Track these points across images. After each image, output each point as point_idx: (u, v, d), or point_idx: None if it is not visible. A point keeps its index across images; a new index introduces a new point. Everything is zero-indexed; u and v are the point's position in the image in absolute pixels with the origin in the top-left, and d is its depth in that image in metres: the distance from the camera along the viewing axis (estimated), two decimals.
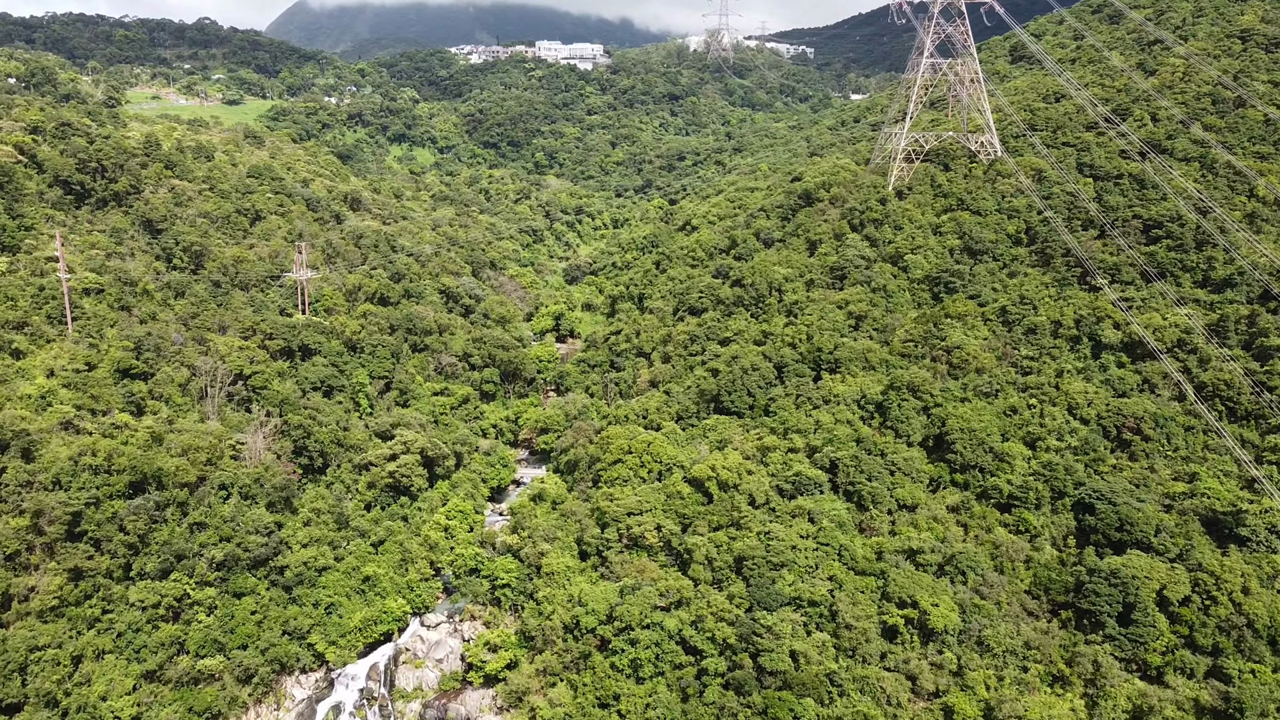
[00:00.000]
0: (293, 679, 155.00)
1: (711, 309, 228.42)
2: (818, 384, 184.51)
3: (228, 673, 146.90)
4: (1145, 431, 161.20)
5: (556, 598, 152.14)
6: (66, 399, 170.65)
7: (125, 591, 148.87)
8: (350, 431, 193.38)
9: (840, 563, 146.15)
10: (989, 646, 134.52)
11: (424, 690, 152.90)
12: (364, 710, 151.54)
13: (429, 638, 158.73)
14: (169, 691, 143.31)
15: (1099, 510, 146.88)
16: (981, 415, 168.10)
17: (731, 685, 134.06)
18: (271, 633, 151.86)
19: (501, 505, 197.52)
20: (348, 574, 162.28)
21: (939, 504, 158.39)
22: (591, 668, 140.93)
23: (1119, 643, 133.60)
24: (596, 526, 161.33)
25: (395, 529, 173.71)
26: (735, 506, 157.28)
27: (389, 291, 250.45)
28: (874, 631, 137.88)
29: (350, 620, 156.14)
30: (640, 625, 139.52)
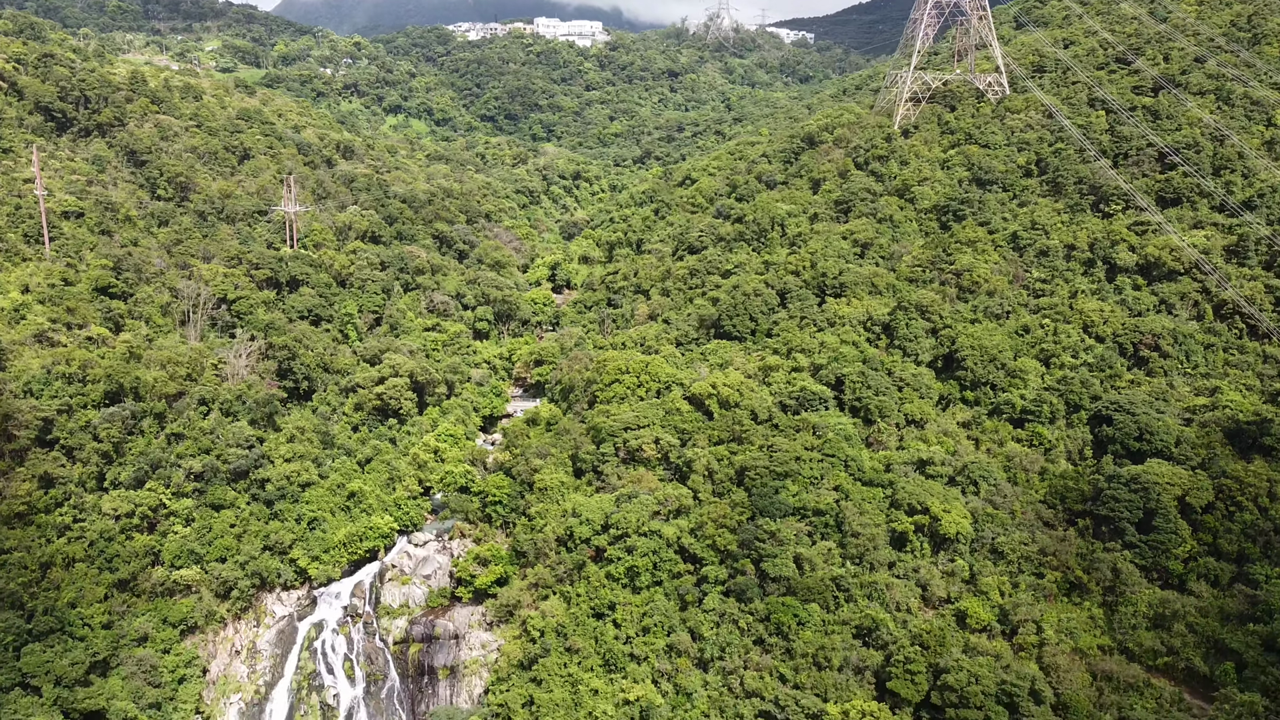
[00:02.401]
0: (273, 596, 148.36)
1: (712, 246, 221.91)
2: (822, 307, 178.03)
3: (205, 586, 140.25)
4: (1163, 348, 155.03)
5: (550, 512, 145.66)
6: (41, 313, 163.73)
7: (98, 501, 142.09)
8: (337, 358, 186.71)
9: (846, 473, 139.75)
10: (1003, 554, 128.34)
11: (410, 607, 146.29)
12: (348, 627, 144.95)
13: (416, 554, 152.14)
14: (142, 603, 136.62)
15: (1117, 421, 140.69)
16: (993, 335, 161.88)
17: (732, 592, 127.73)
18: (251, 546, 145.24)
19: (494, 434, 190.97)
20: (332, 491, 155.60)
21: (949, 420, 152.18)
22: (586, 578, 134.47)
23: (1139, 550, 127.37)
24: (592, 443, 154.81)
25: (382, 449, 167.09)
26: (737, 421, 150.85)
27: (380, 231, 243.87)
28: (882, 539, 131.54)
29: (334, 536, 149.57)
30: (637, 533, 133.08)
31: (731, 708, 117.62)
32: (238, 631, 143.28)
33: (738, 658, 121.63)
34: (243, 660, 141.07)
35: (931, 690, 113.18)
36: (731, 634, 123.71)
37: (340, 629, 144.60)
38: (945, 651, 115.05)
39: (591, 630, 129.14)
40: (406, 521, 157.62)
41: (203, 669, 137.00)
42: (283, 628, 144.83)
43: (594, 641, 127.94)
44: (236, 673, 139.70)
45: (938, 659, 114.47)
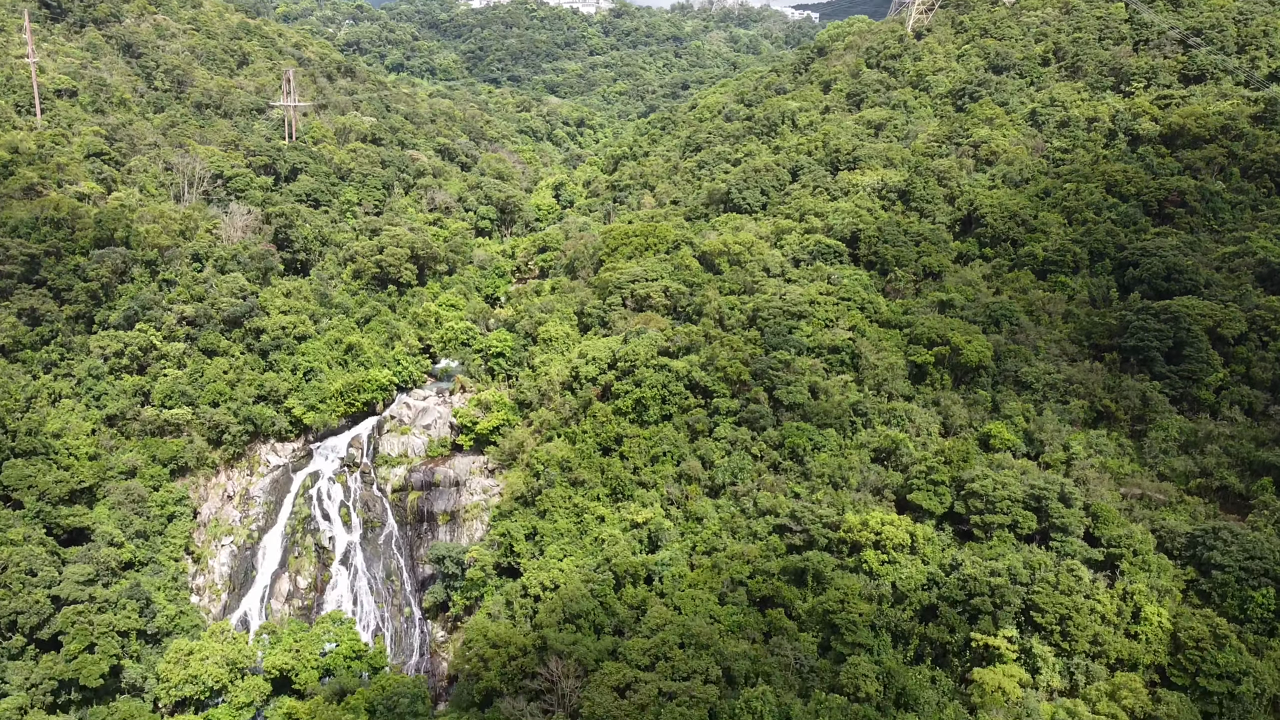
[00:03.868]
0: (268, 446, 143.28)
1: (720, 143, 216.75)
2: (835, 178, 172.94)
3: (196, 430, 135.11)
4: (1190, 203, 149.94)
5: (554, 362, 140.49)
6: (30, 171, 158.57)
7: (86, 340, 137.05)
8: (336, 233, 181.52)
9: (863, 315, 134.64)
10: (1027, 384, 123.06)
11: (410, 457, 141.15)
12: (344, 476, 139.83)
13: (416, 405, 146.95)
14: (132, 442, 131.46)
15: (1143, 264, 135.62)
16: (1013, 198, 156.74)
17: (745, 421, 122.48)
18: (245, 393, 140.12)
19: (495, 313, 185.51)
20: (329, 345, 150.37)
21: (969, 272, 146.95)
22: (592, 415, 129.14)
23: (1169, 381, 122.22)
24: (598, 298, 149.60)
25: (381, 310, 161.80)
26: (749, 273, 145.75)
27: (382, 135, 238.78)
28: (901, 372, 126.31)
29: (331, 386, 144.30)
30: (645, 365, 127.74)
31: (744, 528, 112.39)
32: (230, 479, 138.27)
33: (750, 481, 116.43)
34: (235, 506, 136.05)
35: (955, 501, 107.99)
36: (744, 460, 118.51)
37: (337, 478, 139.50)
38: (969, 466, 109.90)
39: (598, 464, 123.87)
40: (405, 377, 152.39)
41: (193, 511, 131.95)
42: (277, 477, 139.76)
43: (600, 474, 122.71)
44: (228, 517, 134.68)
45: (961, 473, 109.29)
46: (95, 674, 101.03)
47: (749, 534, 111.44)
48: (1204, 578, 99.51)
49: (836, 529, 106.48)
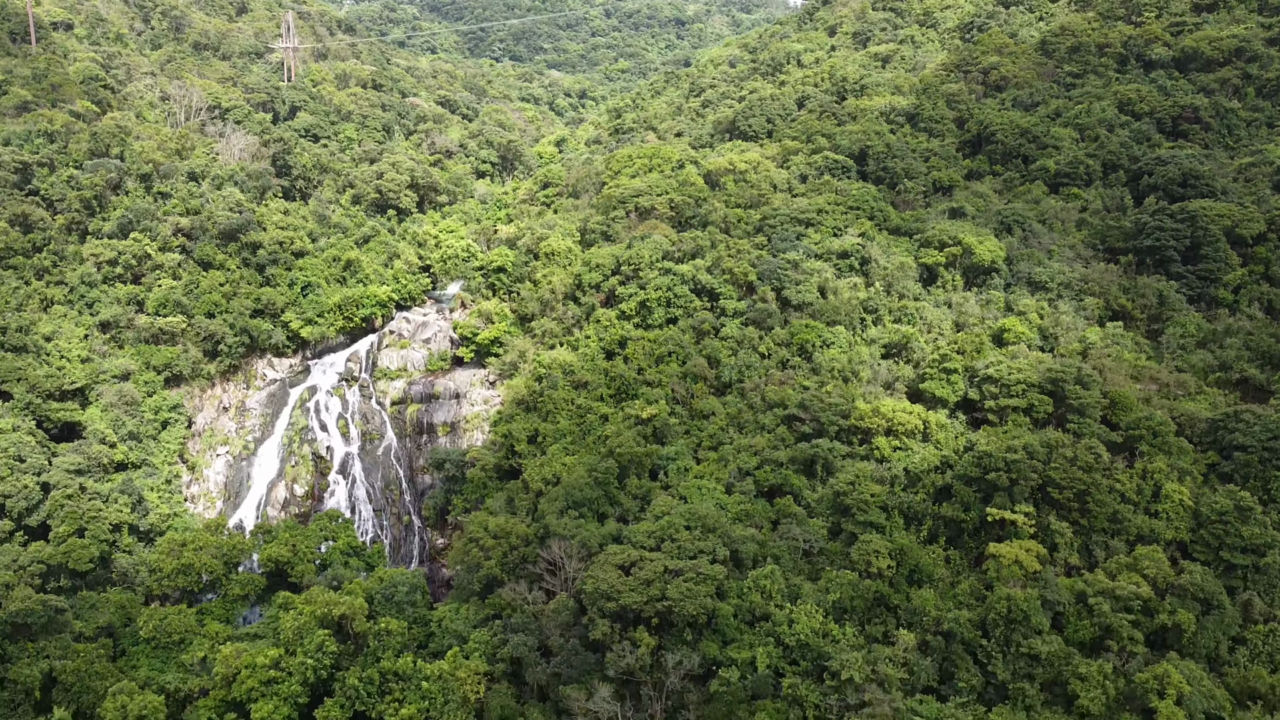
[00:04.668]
0: (264, 361, 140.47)
1: (725, 85, 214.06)
2: (843, 104, 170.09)
3: (190, 341, 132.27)
4: (1205, 119, 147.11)
5: (556, 274, 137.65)
6: (24, 90, 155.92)
7: (79, 249, 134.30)
8: (335, 161, 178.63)
9: (872, 223, 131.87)
10: (1041, 284, 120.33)
11: (409, 371, 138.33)
12: (342, 390, 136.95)
13: (416, 319, 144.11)
14: (125, 349, 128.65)
15: (1159, 172, 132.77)
16: (1024, 119, 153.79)
17: (752, 321, 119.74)
18: (242, 306, 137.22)
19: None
20: (328, 263, 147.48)
21: (981, 186, 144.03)
22: (596, 320, 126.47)
23: (1186, 281, 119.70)
24: (600, 213, 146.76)
25: (380, 231, 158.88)
26: (755, 188, 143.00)
27: (383, 82, 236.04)
28: (912, 272, 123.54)
29: (329, 300, 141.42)
30: (650, 267, 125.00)
31: (752, 421, 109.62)
32: (225, 391, 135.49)
33: (758, 378, 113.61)
34: (231, 417, 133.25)
35: (968, 389, 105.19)
36: (751, 358, 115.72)
37: (335, 391, 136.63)
38: (983, 357, 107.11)
39: (601, 368, 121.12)
40: (405, 295, 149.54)
41: (188, 420, 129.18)
42: (274, 391, 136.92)
43: (603, 376, 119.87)
44: (223, 427, 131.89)
45: (974, 362, 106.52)
46: (85, 558, 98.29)
47: (756, 427, 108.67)
48: (1225, 460, 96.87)
49: (847, 417, 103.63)
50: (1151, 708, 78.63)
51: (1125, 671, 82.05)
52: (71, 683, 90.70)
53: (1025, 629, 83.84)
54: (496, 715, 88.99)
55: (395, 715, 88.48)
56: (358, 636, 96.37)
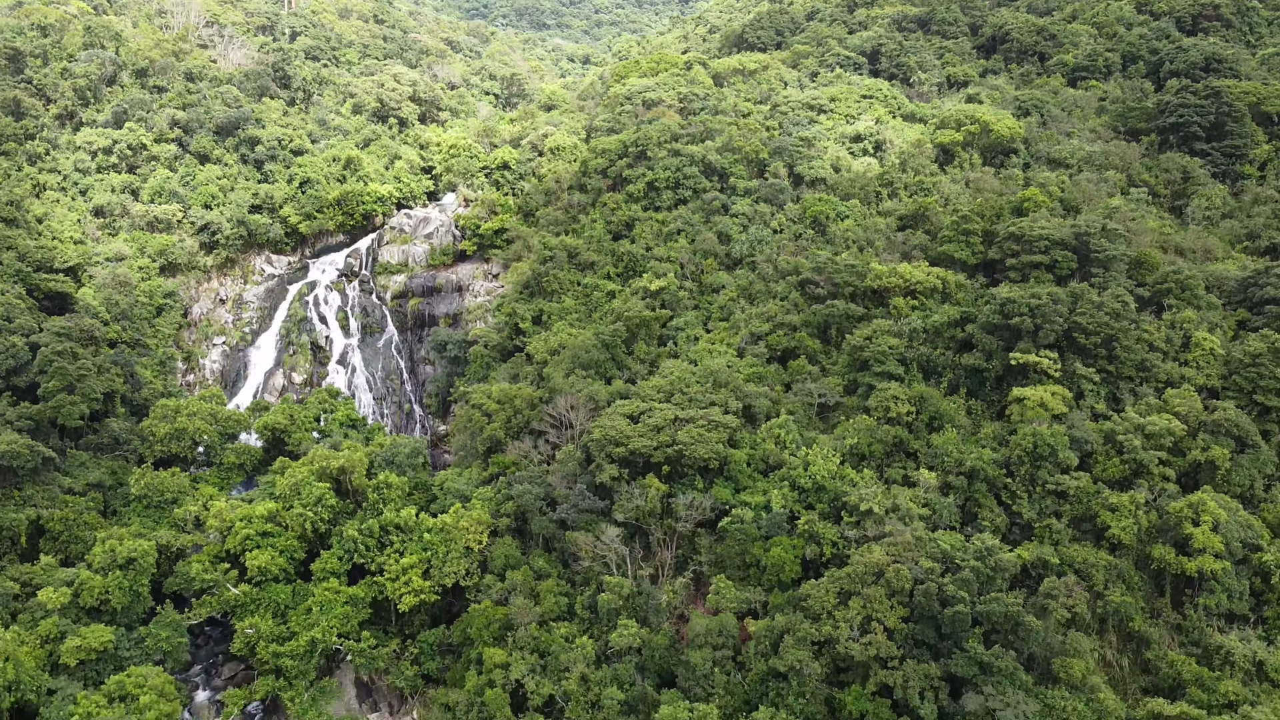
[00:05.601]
0: (262, 257, 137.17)
1: (733, 14, 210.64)
2: (853, 14, 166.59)
3: (186, 232, 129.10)
4: (1225, 16, 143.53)
5: (561, 165, 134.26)
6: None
7: (73, 139, 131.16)
8: (335, 74, 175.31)
9: (886, 108, 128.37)
10: (1061, 162, 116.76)
11: (410, 265, 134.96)
12: (341, 284, 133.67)
13: (417, 215, 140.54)
14: (119, 236, 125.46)
15: (1180, 58, 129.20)
16: (1041, 20, 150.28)
17: (764, 198, 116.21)
18: (239, 198, 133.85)
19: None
20: (329, 162, 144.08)
21: (997, 80, 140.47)
22: (603, 204, 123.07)
23: (1211, 158, 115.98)
24: (606, 110, 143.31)
25: (382, 137, 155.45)
26: (766, 84, 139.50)
27: (385, 16, 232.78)
28: (928, 153, 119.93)
29: (328, 195, 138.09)
30: (659, 147, 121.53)
31: (764, 291, 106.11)
32: (222, 285, 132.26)
33: (770, 251, 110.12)
34: (228, 309, 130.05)
35: (989, 250, 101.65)
36: (762, 232, 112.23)
37: (334, 286, 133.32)
38: (1003, 220, 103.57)
39: (608, 249, 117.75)
40: (406, 194, 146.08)
41: (183, 310, 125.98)
42: (272, 286, 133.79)
43: (610, 256, 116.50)
44: (220, 318, 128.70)
45: (994, 225, 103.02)
46: (74, 415, 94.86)
47: (768, 295, 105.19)
48: (1256, 315, 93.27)
49: (863, 278, 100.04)
50: (1186, 536, 75.18)
51: (1157, 505, 78.61)
52: (59, 531, 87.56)
53: (1052, 465, 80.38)
54: (500, 564, 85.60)
55: (396, 565, 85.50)
56: (357, 493, 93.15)
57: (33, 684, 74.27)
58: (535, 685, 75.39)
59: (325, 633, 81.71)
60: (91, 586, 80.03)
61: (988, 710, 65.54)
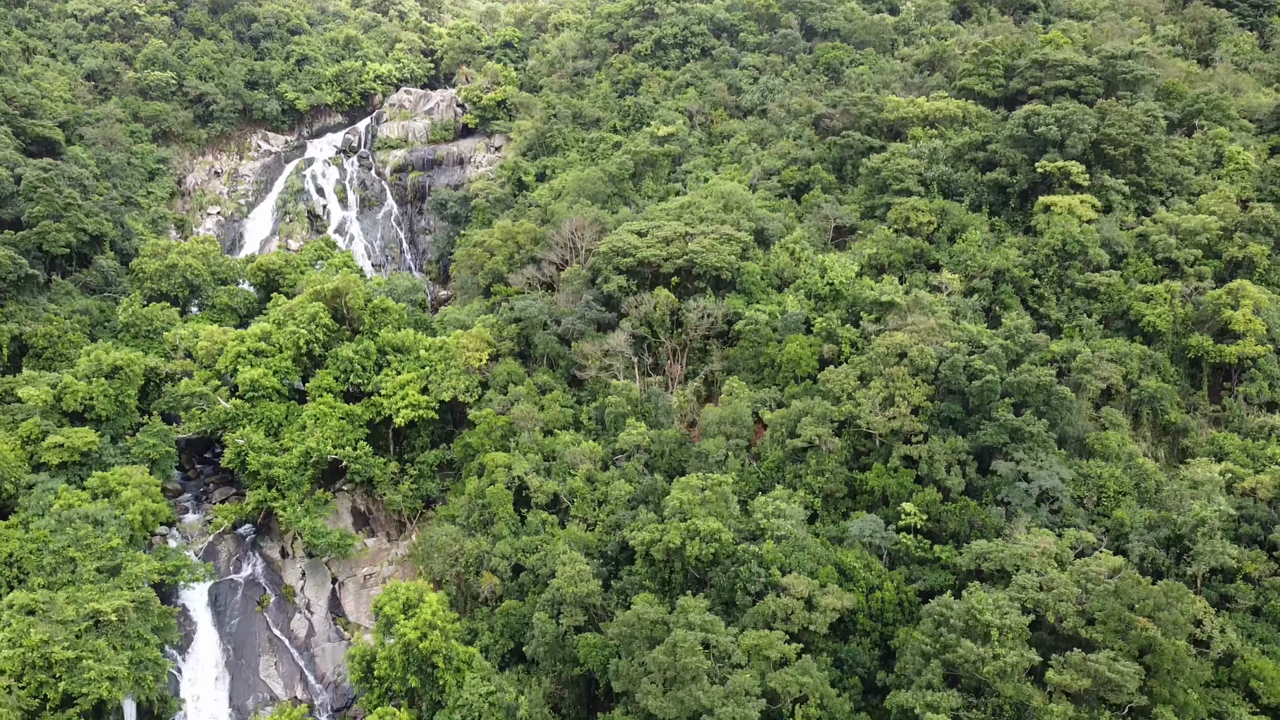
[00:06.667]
0: (259, 134, 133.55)
1: None
2: None
3: (179, 102, 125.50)
4: None
5: (565, 38, 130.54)
6: None
7: (64, 6, 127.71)
8: None
9: None
10: (1082, 14, 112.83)
11: (410, 141, 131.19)
12: (340, 159, 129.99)
13: (418, 92, 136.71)
14: (111, 101, 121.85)
15: None
16: None
17: (775, 49, 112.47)
18: (236, 72, 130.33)
19: None
20: (328, 42, 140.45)
21: None
22: (609, 64, 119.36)
23: (1238, 9, 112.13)
24: None
25: (382, 22, 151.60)
26: None
27: None
28: (944, 9, 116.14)
29: (326, 71, 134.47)
30: (667, 3, 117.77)
31: (776, 133, 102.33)
32: (217, 159, 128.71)
33: (783, 97, 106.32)
34: (223, 182, 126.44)
35: (1011, 80, 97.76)
36: (773, 82, 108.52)
37: (333, 161, 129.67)
38: (1025, 53, 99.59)
39: (615, 106, 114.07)
40: (405, 75, 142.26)
41: (177, 179, 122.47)
42: (268, 162, 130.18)
43: (616, 112, 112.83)
44: (215, 189, 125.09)
45: (1016, 61, 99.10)
46: (60, 242, 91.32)
47: (780, 136, 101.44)
48: None
49: (880, 110, 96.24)
50: (1224, 324, 71.41)
51: (1193, 299, 74.83)
52: (43, 347, 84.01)
53: (1081, 263, 76.61)
54: (502, 381, 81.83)
55: (393, 383, 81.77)
56: (353, 320, 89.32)
57: (11, 474, 70.73)
58: (539, 484, 71.77)
59: (320, 443, 78.00)
60: (75, 391, 76.37)
61: (1019, 474, 61.83)
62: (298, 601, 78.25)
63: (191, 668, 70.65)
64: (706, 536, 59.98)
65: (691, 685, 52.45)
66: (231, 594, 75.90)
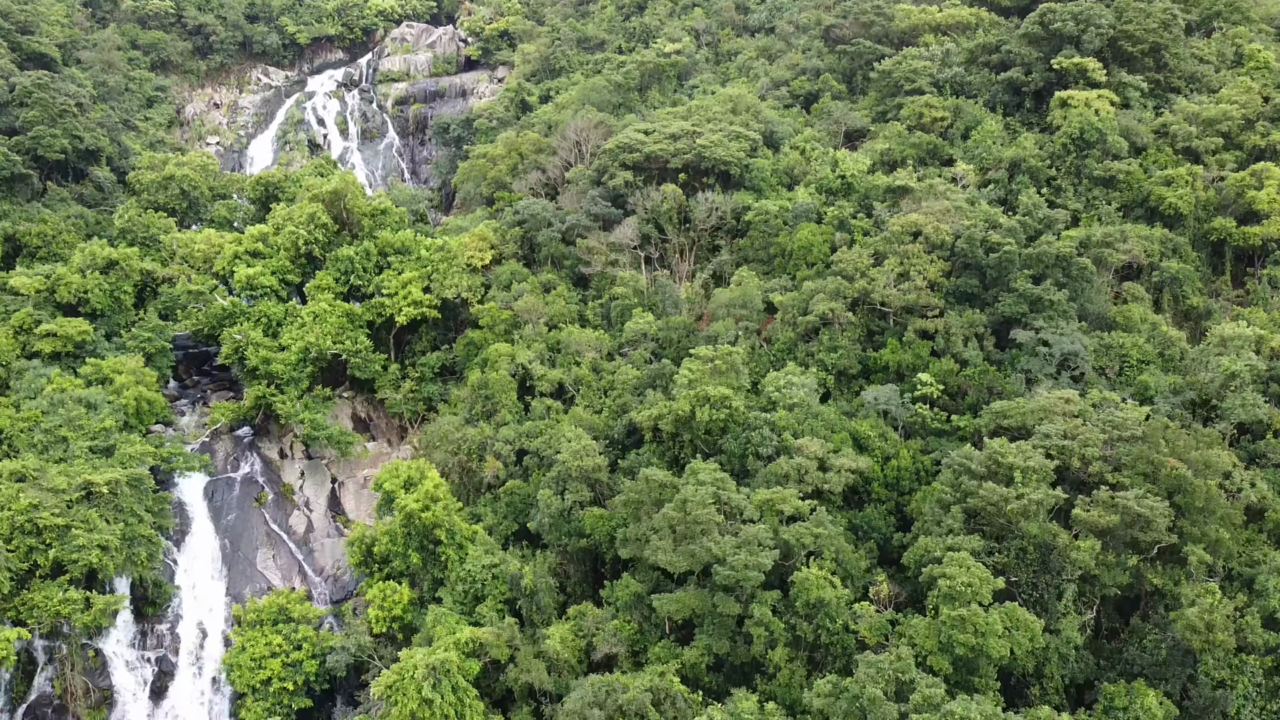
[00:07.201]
0: (259, 69, 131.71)
1: None
2: None
3: (178, 34, 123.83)
4: None
5: None
6: None
7: None
8: None
9: None
10: None
11: (413, 74, 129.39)
12: (341, 93, 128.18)
13: (420, 25, 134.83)
14: (109, 28, 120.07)
15: None
16: None
17: None
18: (235, 1, 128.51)
19: None
20: None
21: None
22: None
23: None
24: None
25: None
26: None
27: None
28: None
29: (327, 4, 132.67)
30: None
31: (784, 48, 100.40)
32: (216, 92, 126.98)
33: (791, 13, 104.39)
34: (223, 113, 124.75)
35: None
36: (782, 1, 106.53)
37: (333, 94, 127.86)
38: None
39: (620, 29, 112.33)
40: (408, 10, 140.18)
41: (176, 108, 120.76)
42: (269, 96, 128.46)
43: (622, 34, 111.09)
44: (214, 119, 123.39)
45: None
46: (55, 148, 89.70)
47: (788, 49, 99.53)
48: None
49: (891, 19, 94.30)
50: (1247, 207, 69.43)
51: (1216, 185, 72.85)
52: (37, 246, 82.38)
53: (1100, 152, 74.67)
54: (505, 279, 79.95)
55: (395, 282, 79.95)
56: (353, 224, 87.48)
57: (2, 358, 69.04)
58: (543, 373, 69.91)
59: (320, 338, 76.18)
60: (69, 282, 74.65)
61: (1039, 341, 59.92)
62: (296, 500, 76.46)
63: (187, 558, 68.75)
64: (717, 403, 58.09)
65: (702, 538, 50.62)
66: (228, 490, 73.98)
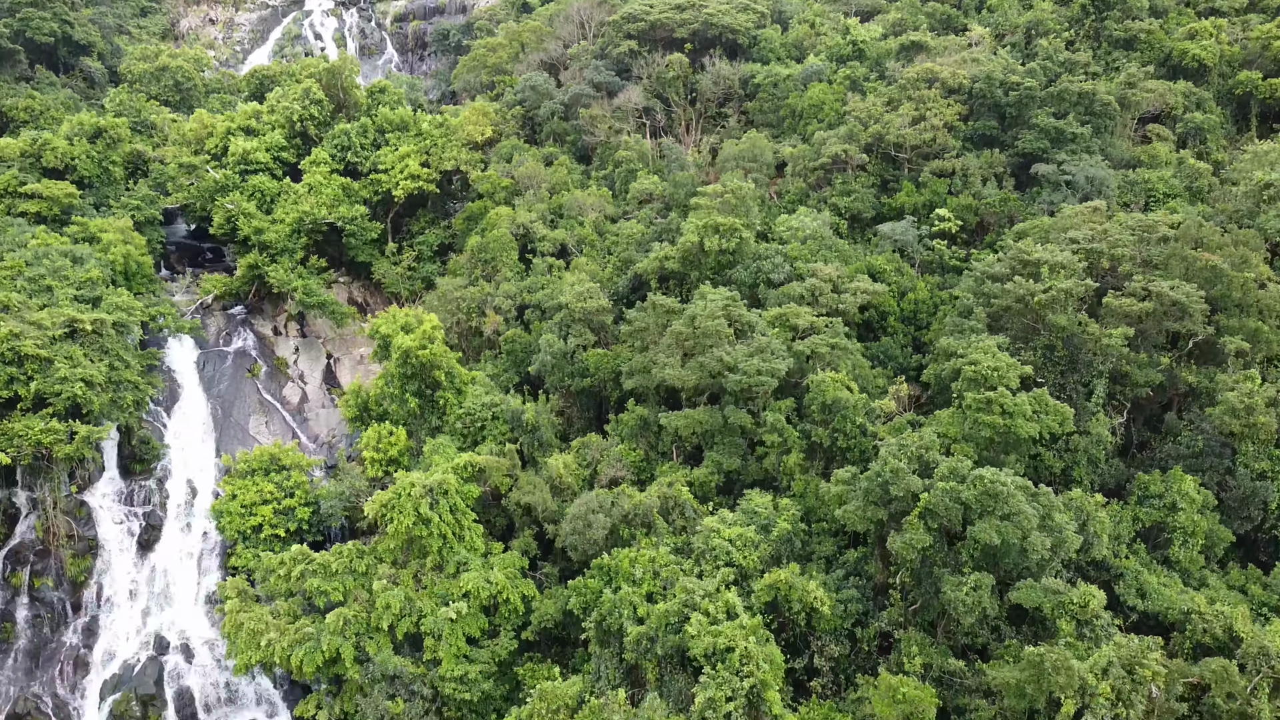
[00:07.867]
0: None
1: None
2: None
3: None
4: None
5: None
6: None
7: None
8: None
9: None
10: None
11: None
12: (340, 10, 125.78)
13: None
14: None
15: None
16: None
17: None
18: None
19: None
20: None
21: None
22: None
23: None
24: None
25: None
26: None
27: None
28: None
29: None
30: None
31: None
32: (212, 9, 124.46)
33: None
34: (218, 30, 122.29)
35: None
36: None
37: (331, 12, 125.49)
38: None
39: None
40: None
41: (170, 21, 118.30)
42: (265, 14, 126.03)
43: None
44: (210, 34, 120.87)
45: None
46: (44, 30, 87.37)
47: None
48: None
49: None
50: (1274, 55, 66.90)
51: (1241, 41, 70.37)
52: (24, 120, 79.96)
53: (1120, 12, 72.24)
54: (505, 153, 77.64)
55: (392, 157, 77.57)
56: (350, 105, 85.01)
57: None
58: (545, 233, 67.50)
59: (314, 208, 73.85)
60: (55, 147, 72.15)
61: (1061, 174, 57.54)
62: (290, 373, 74.17)
63: (177, 422, 66.29)
64: (726, 231, 55.68)
65: (712, 350, 48.24)
66: (220, 361, 71.57)
